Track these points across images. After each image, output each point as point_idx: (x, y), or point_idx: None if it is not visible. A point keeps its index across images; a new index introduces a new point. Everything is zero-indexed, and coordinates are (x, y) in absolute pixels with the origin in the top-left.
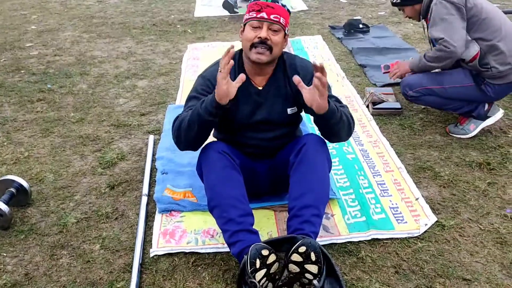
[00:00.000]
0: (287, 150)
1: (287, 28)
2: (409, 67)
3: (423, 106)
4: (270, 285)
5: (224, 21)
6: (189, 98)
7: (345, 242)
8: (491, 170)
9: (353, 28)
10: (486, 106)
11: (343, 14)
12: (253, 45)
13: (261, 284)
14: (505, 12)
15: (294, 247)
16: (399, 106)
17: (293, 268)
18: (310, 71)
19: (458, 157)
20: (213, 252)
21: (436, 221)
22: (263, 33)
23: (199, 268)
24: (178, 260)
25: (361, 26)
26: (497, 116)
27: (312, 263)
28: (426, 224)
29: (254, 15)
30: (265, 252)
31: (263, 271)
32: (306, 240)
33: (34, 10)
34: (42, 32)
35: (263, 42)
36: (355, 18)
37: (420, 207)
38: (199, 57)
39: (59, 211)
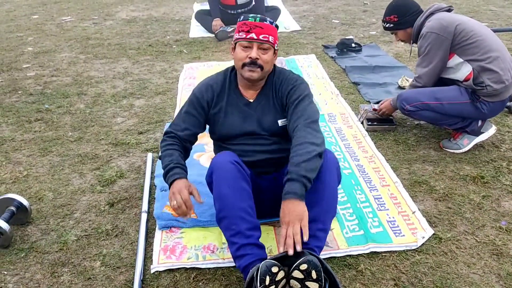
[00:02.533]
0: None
1: (276, 45)
2: (392, 106)
3: (416, 122)
4: None
5: (218, 41)
6: (180, 111)
7: (344, 256)
8: (485, 184)
9: (345, 47)
10: (480, 122)
11: (335, 34)
12: (244, 64)
13: None
14: (495, 31)
15: (296, 264)
16: (394, 122)
17: (295, 284)
18: (292, 83)
19: (452, 171)
20: (213, 268)
21: (433, 234)
22: (253, 53)
23: (200, 284)
24: (179, 276)
25: (353, 45)
26: (490, 132)
27: (313, 281)
28: (423, 237)
29: (244, 35)
30: (274, 270)
31: None
32: (308, 257)
33: (30, 32)
34: (39, 53)
35: (253, 62)
36: (347, 37)
37: (417, 220)
38: (195, 76)
39: (59, 229)
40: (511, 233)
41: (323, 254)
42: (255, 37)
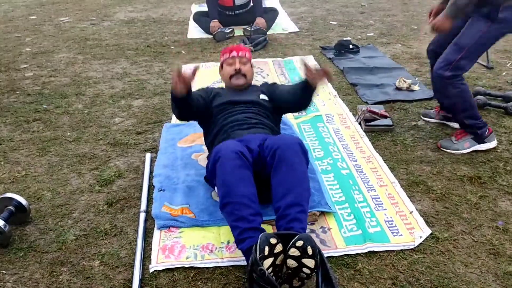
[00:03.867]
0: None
1: (251, 61)
2: (444, 16)
3: (414, 123)
4: (273, 278)
5: (217, 42)
6: None
7: (342, 255)
8: (482, 184)
9: (343, 49)
10: (487, 131)
11: (333, 35)
12: (231, 76)
13: (269, 271)
14: None
15: (292, 241)
16: (391, 123)
17: (291, 263)
18: (266, 85)
19: (450, 172)
20: (212, 267)
21: (431, 234)
22: (237, 65)
23: (199, 283)
24: (178, 275)
25: (351, 46)
26: (491, 144)
27: (309, 257)
28: (420, 237)
29: (228, 55)
30: (273, 241)
31: (270, 260)
32: (303, 235)
33: (28, 32)
34: (37, 54)
35: (238, 72)
36: (345, 39)
37: (414, 220)
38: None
39: (57, 229)
40: (508, 233)
41: None
42: (236, 54)
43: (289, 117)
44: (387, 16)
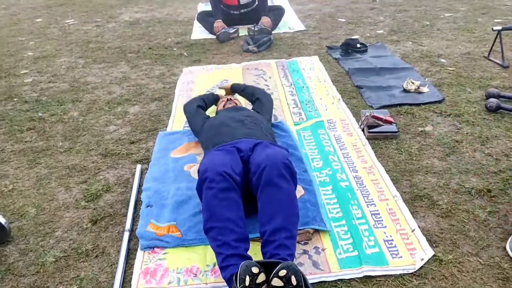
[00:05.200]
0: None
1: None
2: None
3: (421, 129)
4: None
5: (220, 43)
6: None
7: (335, 280)
8: (492, 198)
9: (350, 48)
10: None
11: (341, 34)
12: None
13: None
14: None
15: (274, 271)
16: (396, 130)
17: None
18: None
19: (457, 184)
20: None
21: (433, 255)
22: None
23: None
24: None
25: (358, 45)
26: None
27: (294, 287)
28: (422, 259)
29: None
30: (255, 270)
31: None
32: (287, 263)
33: (32, 36)
34: (38, 58)
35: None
36: (352, 37)
37: (416, 240)
38: (194, 80)
39: (38, 249)
40: None
41: (313, 278)
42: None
43: (289, 123)
44: (398, 12)
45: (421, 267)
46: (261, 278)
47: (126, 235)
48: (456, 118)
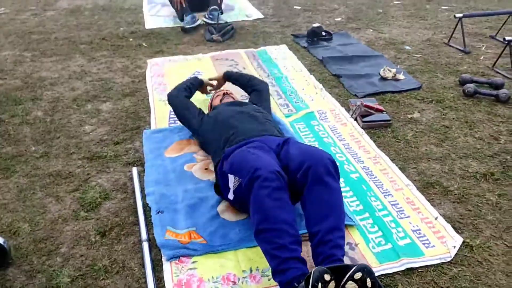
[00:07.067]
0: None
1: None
2: None
3: (410, 116)
4: None
5: (179, 32)
6: None
7: (378, 275)
8: (496, 181)
9: (316, 36)
10: None
11: (300, 21)
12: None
13: None
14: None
15: (349, 273)
16: (389, 118)
17: None
18: None
19: (461, 169)
20: None
21: (463, 242)
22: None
23: None
24: None
25: (323, 33)
26: None
27: None
28: (454, 247)
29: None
30: (327, 277)
31: None
32: (361, 265)
33: None
34: None
35: (226, 93)
36: (316, 25)
37: (442, 227)
38: (163, 73)
39: (46, 270)
40: None
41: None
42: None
43: (279, 116)
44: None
45: (455, 255)
46: (332, 285)
47: (146, 245)
48: (439, 104)
